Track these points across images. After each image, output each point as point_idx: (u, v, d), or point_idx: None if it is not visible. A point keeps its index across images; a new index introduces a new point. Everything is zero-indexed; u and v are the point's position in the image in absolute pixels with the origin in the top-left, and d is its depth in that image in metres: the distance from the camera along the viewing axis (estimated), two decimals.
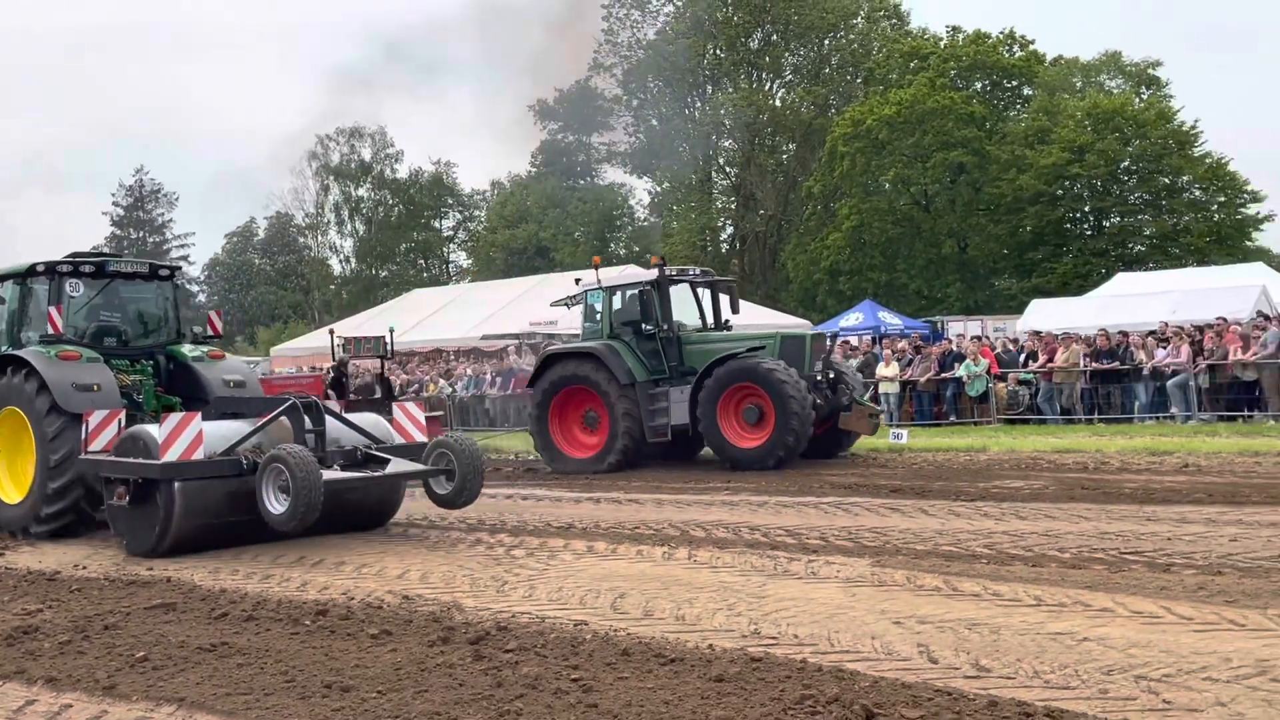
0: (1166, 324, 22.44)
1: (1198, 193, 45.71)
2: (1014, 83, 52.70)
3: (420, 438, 11.78)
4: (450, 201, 77.31)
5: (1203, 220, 45.10)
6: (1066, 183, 46.09)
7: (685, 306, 18.00)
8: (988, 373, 21.76)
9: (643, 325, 17.32)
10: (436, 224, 77.58)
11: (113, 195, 79.77)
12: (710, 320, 18.16)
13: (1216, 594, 7.09)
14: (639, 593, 7.91)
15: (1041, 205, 46.17)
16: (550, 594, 8.03)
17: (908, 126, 47.61)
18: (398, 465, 11.00)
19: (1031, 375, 22.18)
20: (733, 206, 61.15)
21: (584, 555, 9.60)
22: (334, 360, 21.13)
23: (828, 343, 17.81)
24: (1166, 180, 45.54)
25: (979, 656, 5.94)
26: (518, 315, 34.33)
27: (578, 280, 19.21)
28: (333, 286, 74.09)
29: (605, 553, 9.67)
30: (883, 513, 11.34)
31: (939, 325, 35.52)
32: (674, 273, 17.93)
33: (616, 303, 17.84)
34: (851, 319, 34.84)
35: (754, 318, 37.26)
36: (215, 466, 10.38)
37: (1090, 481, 13.02)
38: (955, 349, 23.52)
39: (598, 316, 17.93)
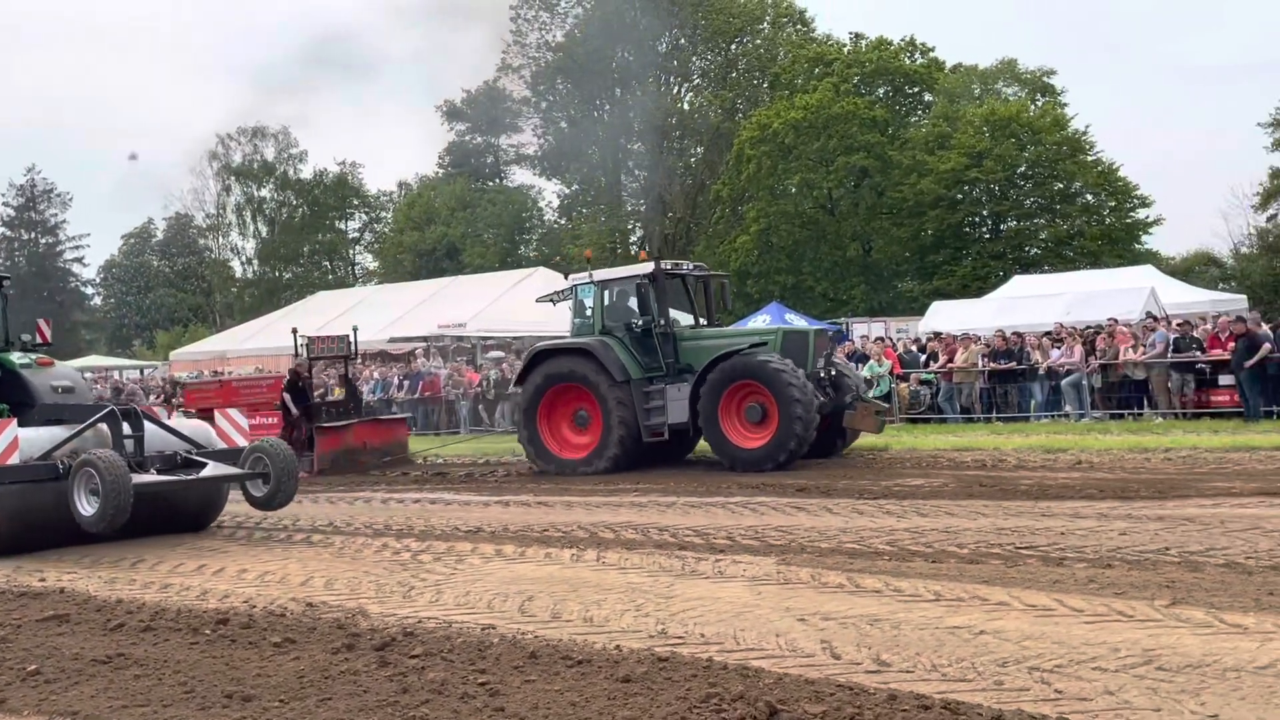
0: (1061, 325, 23.15)
1: (1090, 198, 47.16)
2: (915, 89, 53.80)
3: (241, 442, 12.16)
4: (356, 202, 76.22)
5: (1095, 224, 46.52)
6: (965, 187, 47.18)
7: (676, 302, 17.51)
8: (890, 373, 22.18)
9: (637, 321, 16.71)
10: (342, 225, 76.43)
11: (2, 195, 77.10)
12: (702, 316, 17.76)
13: (1106, 586, 7.34)
14: (547, 595, 7.91)
15: (942, 209, 47.19)
16: (457, 598, 7.99)
17: (813, 131, 48.29)
18: (214, 469, 11.49)
19: (932, 375, 22.68)
20: (642, 209, 61.37)
21: (492, 559, 9.57)
22: (294, 361, 20.33)
23: (831, 339, 17.27)
24: (1060, 185, 46.92)
25: (880, 651, 6.07)
26: (426, 318, 34.10)
27: (567, 275, 18.83)
28: (234, 289, 72.54)
29: (513, 556, 9.65)
30: (788, 512, 11.49)
31: (844, 327, 36.09)
32: (669, 266, 17.33)
33: (609, 297, 17.21)
34: (758, 321, 35.17)
35: None
36: (30, 471, 10.81)
37: (988, 479, 13.36)
38: (860, 350, 23.93)
39: (588, 311, 17.28)
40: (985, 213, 48.74)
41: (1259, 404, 17.97)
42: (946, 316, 30.29)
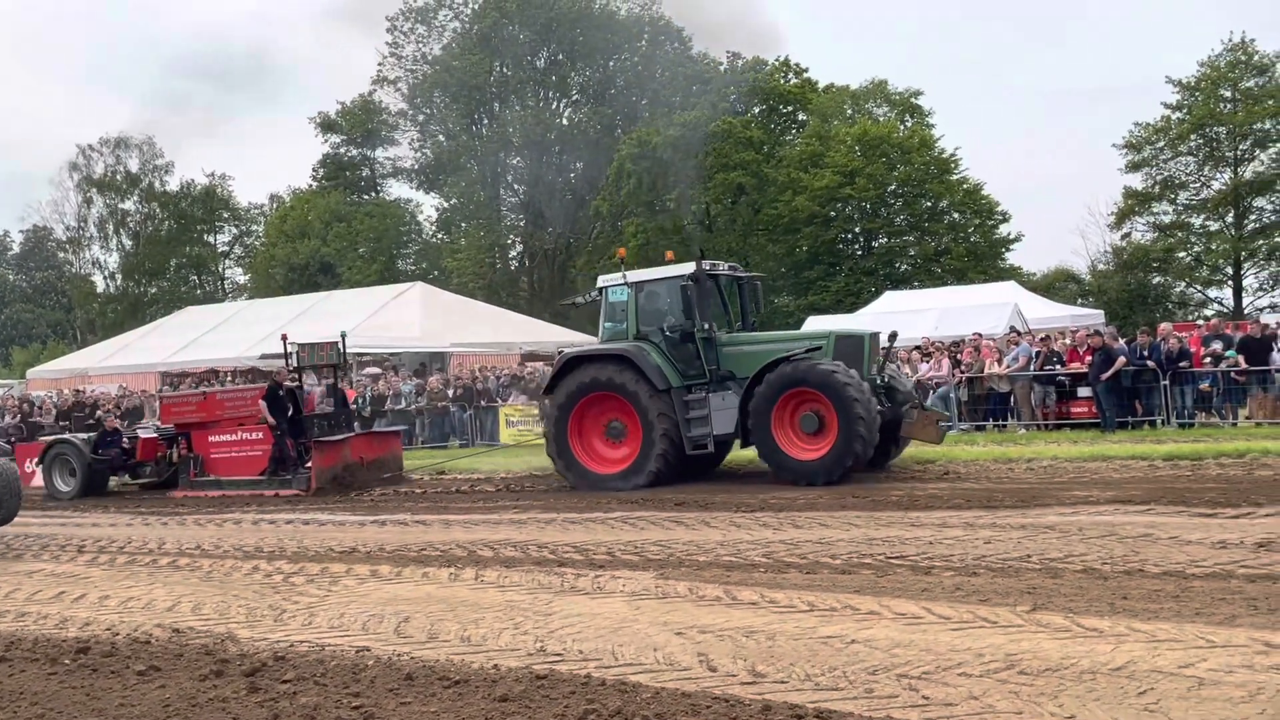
0: (929, 339, 23.81)
1: (956, 216, 48.69)
2: (789, 108, 54.88)
3: None
4: (225, 215, 74.19)
5: (961, 242, 48.04)
6: (839, 205, 48.25)
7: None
8: None
9: (676, 325, 15.69)
10: (210, 239, 74.30)
11: None
12: (737, 319, 16.73)
13: (972, 594, 7.58)
14: (424, 616, 7.81)
15: (815, 226, 48.16)
16: (331, 621, 7.84)
17: (690, 148, 48.84)
18: None
19: None
20: (521, 224, 61.17)
21: (367, 580, 9.41)
22: (289, 369, 19.03)
23: (886, 343, 16.33)
24: (929, 204, 48.35)
25: (755, 663, 6.15)
26: (299, 333, 33.28)
27: (595, 279, 17.38)
28: (96, 305, 69.84)
29: (389, 576, 9.51)
30: (667, 526, 11.57)
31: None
32: (709, 266, 16.20)
33: (643, 300, 16.11)
34: None
35: (544, 335, 37.44)
36: None
37: (860, 490, 13.66)
38: None
39: (620, 315, 16.19)
40: (857, 230, 49.91)
41: (1114, 415, 18.76)
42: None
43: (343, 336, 19.97)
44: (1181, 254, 45.64)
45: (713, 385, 15.36)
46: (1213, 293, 46.48)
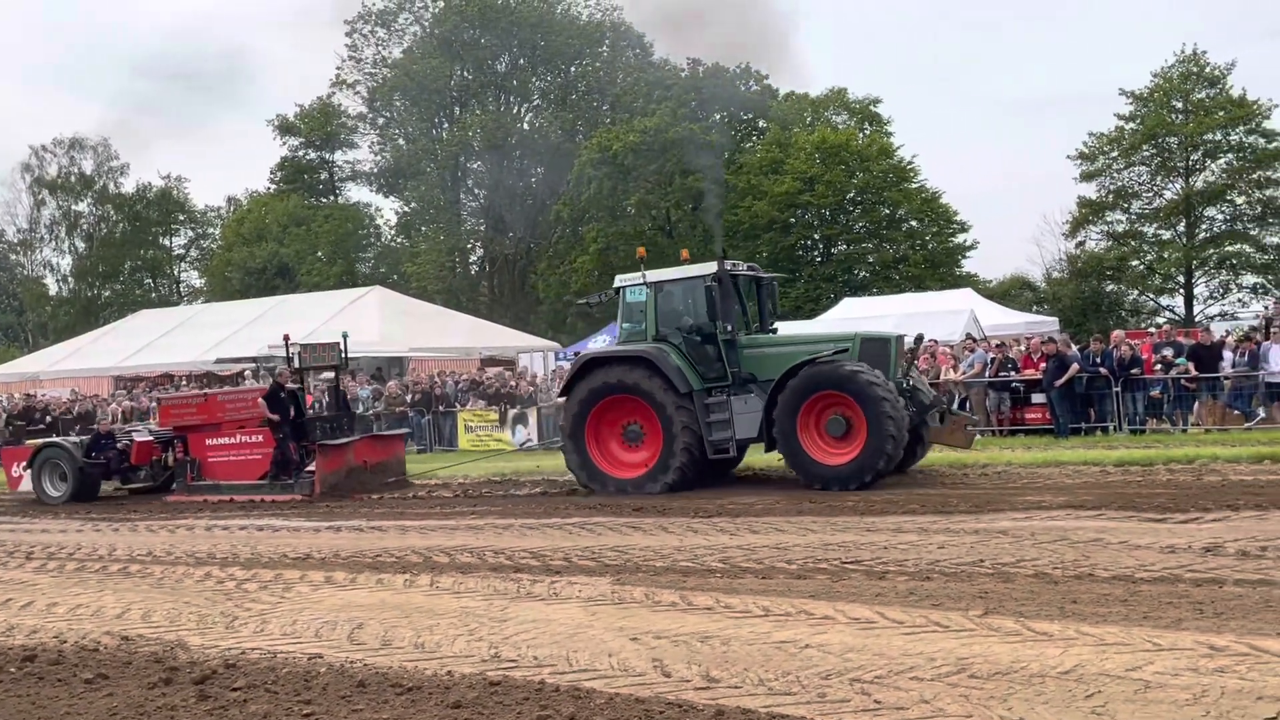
0: None
1: (914, 223, 49.11)
2: (750, 115, 55.11)
3: None
4: (181, 218, 73.35)
5: (919, 249, 48.45)
6: (798, 211, 48.53)
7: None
8: None
9: (697, 326, 15.33)
10: (166, 241, 73.45)
11: None
12: (753, 322, 16.28)
13: (925, 598, 7.64)
14: (378, 622, 7.77)
15: (775, 232, 48.40)
16: (283, 628, 7.77)
17: (651, 154, 48.92)
18: None
19: None
20: (482, 228, 60.99)
21: (321, 586, 9.33)
22: (290, 370, 18.44)
23: (913, 346, 15.91)
24: (887, 211, 48.72)
25: (710, 668, 6.17)
26: (255, 338, 33.05)
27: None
28: (48, 308, 68.81)
29: (344, 583, 9.44)
30: (625, 531, 11.57)
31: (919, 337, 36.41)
32: (731, 266, 15.74)
33: (663, 300, 15.67)
34: (600, 341, 35.37)
35: (503, 340, 37.33)
36: None
37: (817, 495, 13.72)
38: None
39: (638, 316, 15.73)
40: (817, 236, 50.21)
41: (1068, 421, 18.99)
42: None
43: (344, 337, 19.42)
44: (1134, 262, 46.28)
45: (734, 388, 15.04)
46: (1165, 301, 47.23)
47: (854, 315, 33.22)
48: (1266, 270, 43.86)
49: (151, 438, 19.50)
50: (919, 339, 16.39)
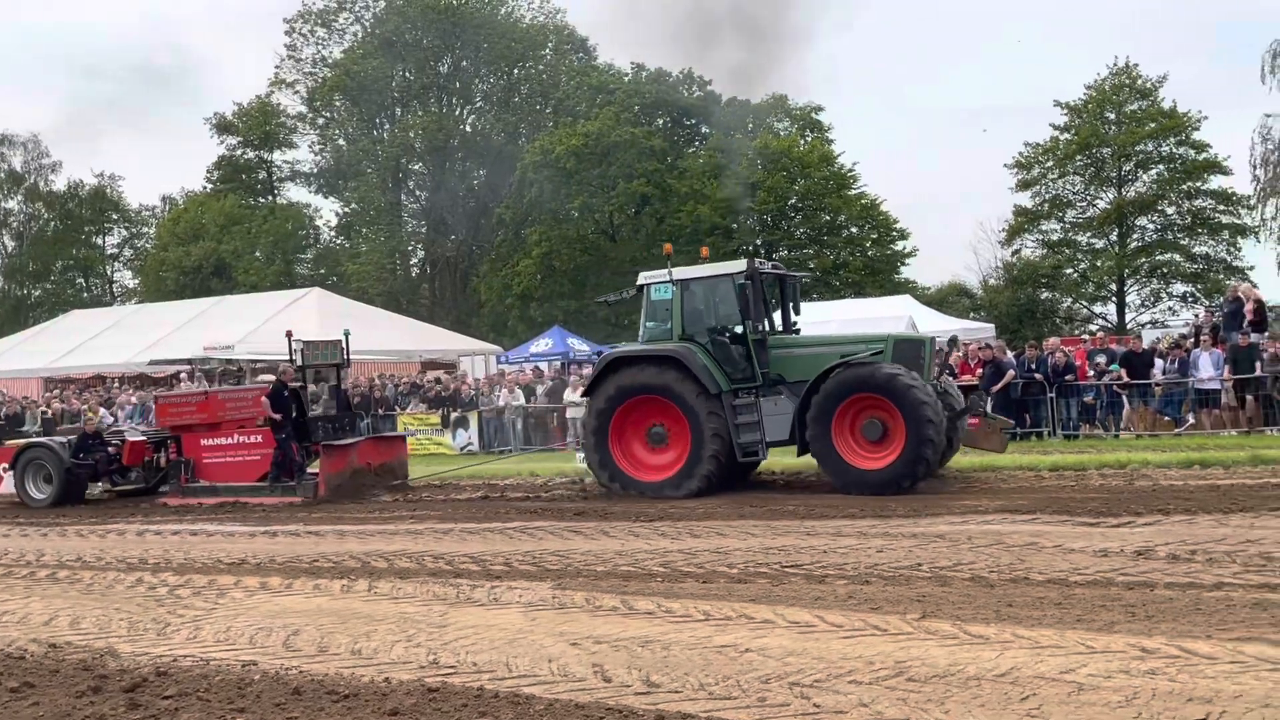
0: None
1: (854, 230, 49.57)
2: (693, 120, 55.29)
3: None
4: (115, 217, 71.90)
5: (858, 255, 48.92)
6: (741, 217, 48.77)
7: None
8: None
9: (726, 325, 15.01)
10: (99, 240, 71.96)
11: None
12: (777, 322, 15.79)
13: (864, 602, 7.70)
14: (314, 628, 7.66)
15: (717, 237, 48.58)
16: (217, 634, 7.64)
17: (594, 158, 48.91)
18: None
19: None
20: (423, 230, 60.53)
21: (256, 592, 9.19)
22: (294, 368, 17.71)
23: (945, 348, 15.51)
24: (828, 218, 49.15)
25: (650, 673, 6.15)
26: (190, 339, 32.50)
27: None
28: None
29: (279, 588, 9.30)
30: (566, 536, 11.53)
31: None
32: (760, 263, 15.34)
33: (689, 299, 15.26)
34: (541, 345, 35.30)
35: (444, 343, 37.09)
36: None
37: (758, 499, 13.79)
38: None
39: (663, 314, 15.25)
40: (759, 242, 50.48)
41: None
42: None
43: (346, 335, 18.98)
44: (1068, 270, 47.11)
45: (763, 389, 14.66)
46: (1098, 308, 48.13)
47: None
48: (1196, 279, 44.86)
49: (144, 437, 18.78)
50: (952, 340, 16.23)
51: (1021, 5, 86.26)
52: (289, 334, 18.30)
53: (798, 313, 16.17)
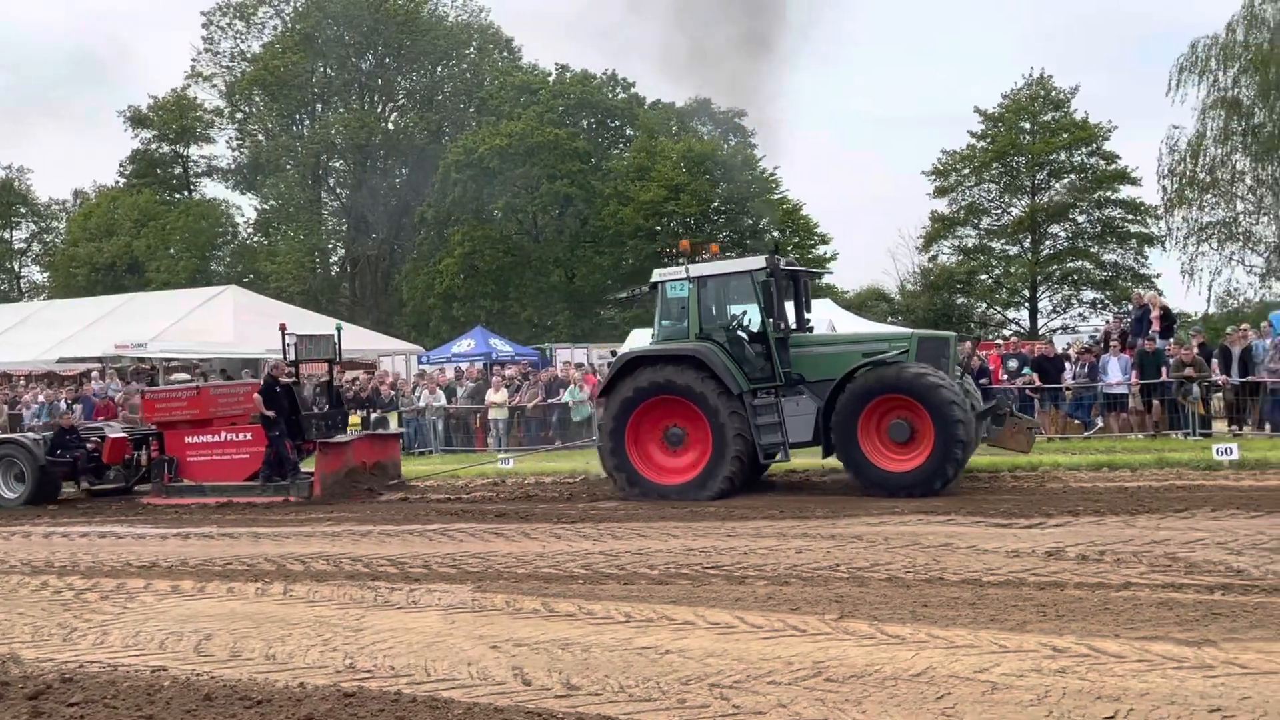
0: None
1: (776, 234, 49.93)
2: (617, 123, 55.33)
3: None
4: (23, 211, 69.77)
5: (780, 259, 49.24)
6: (664, 219, 48.91)
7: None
8: (591, 398, 22.57)
9: (744, 324, 14.68)
10: (6, 235, 69.78)
11: None
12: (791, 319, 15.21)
13: (783, 603, 7.76)
14: (227, 633, 7.51)
15: (641, 239, 48.68)
16: (125, 640, 7.45)
17: (518, 158, 48.69)
18: None
19: None
20: (343, 228, 59.72)
21: (167, 596, 8.98)
22: (286, 363, 17.13)
23: (971, 347, 15.04)
24: (750, 222, 49.49)
25: (570, 675, 6.13)
26: (101, 337, 31.75)
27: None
28: None
29: (191, 592, 9.11)
30: (487, 538, 11.45)
31: (547, 352, 36.47)
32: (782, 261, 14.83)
33: (706, 296, 14.84)
34: (463, 345, 35.06)
35: (364, 342, 36.62)
36: None
37: (680, 501, 13.81)
38: (561, 376, 24.25)
39: (679, 312, 14.83)
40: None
41: None
42: (646, 343, 31.13)
43: (338, 329, 18.39)
44: (983, 276, 47.99)
45: (784, 389, 14.28)
46: (1011, 313, 49.07)
47: None
48: (1105, 286, 45.97)
49: (124, 434, 18.06)
50: (977, 339, 16.07)
51: (943, 14, 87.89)
52: (283, 327, 17.54)
53: (809, 310, 15.89)
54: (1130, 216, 44.93)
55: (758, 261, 14.82)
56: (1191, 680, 5.57)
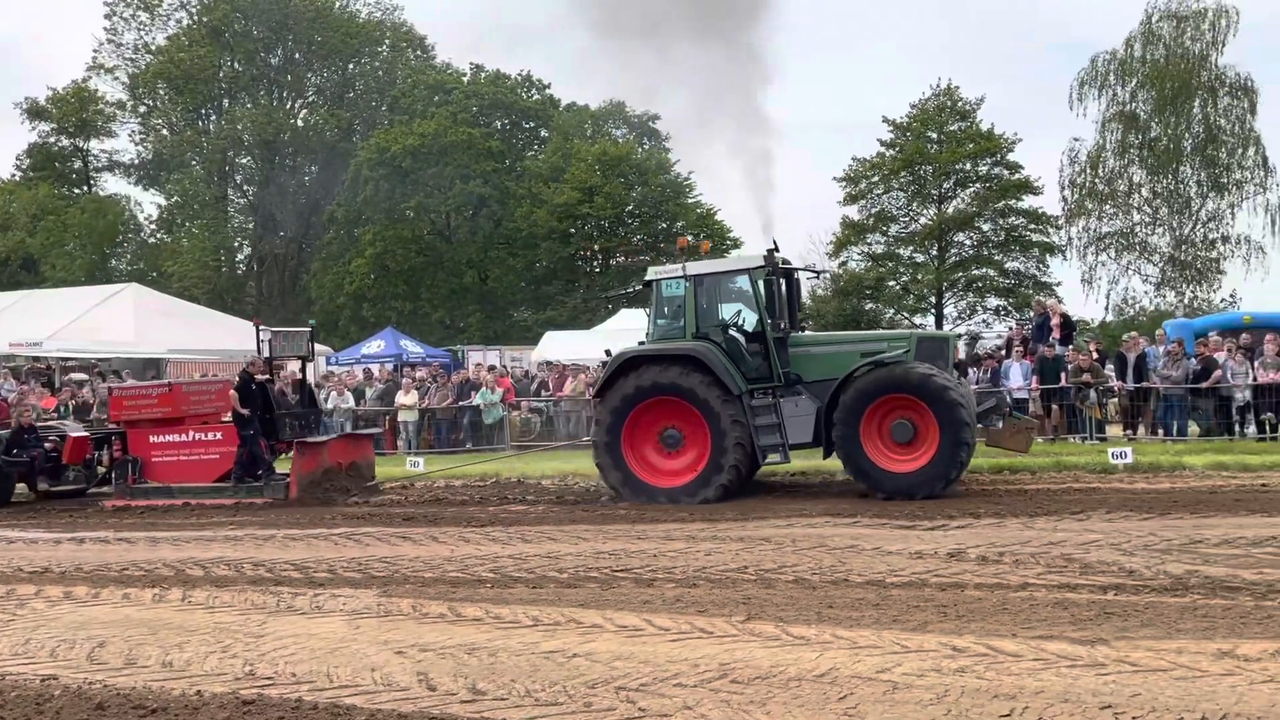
0: None
1: (691, 238, 50.22)
2: (531, 124, 55.16)
3: None
4: None
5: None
6: (578, 222, 48.89)
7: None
8: (503, 401, 22.48)
9: (743, 323, 14.35)
10: None
11: None
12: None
13: (691, 605, 7.79)
14: (122, 640, 7.31)
15: (555, 241, 48.59)
16: (15, 647, 7.21)
17: (431, 157, 48.26)
18: None
19: (544, 403, 23.22)
20: (250, 226, 58.55)
21: (59, 602, 8.71)
22: (262, 360, 16.34)
23: (969, 346, 15.04)
24: (664, 225, 49.71)
25: (476, 680, 6.09)
26: None
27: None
28: None
29: (85, 598, 8.84)
30: (394, 542, 11.31)
31: (459, 354, 36.20)
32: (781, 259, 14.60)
33: (704, 295, 14.52)
34: (373, 346, 34.61)
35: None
36: None
37: (590, 504, 13.82)
38: (473, 378, 24.08)
39: (676, 311, 14.50)
40: (596, 247, 50.68)
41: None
42: (558, 346, 31.15)
43: (312, 326, 17.83)
44: (891, 283, 48.82)
45: (782, 389, 14.03)
46: (918, 320, 49.99)
47: (631, 326, 33.65)
48: (1008, 294, 47.05)
49: (85, 433, 17.20)
50: (975, 339, 15.96)
51: (856, 22, 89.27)
52: (257, 322, 16.88)
53: (800, 309, 15.66)
54: (1033, 226, 46.06)
55: (755, 259, 14.61)
56: (1085, 678, 5.72)
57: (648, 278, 15.06)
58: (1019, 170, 45.62)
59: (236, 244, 59.17)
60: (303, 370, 18.05)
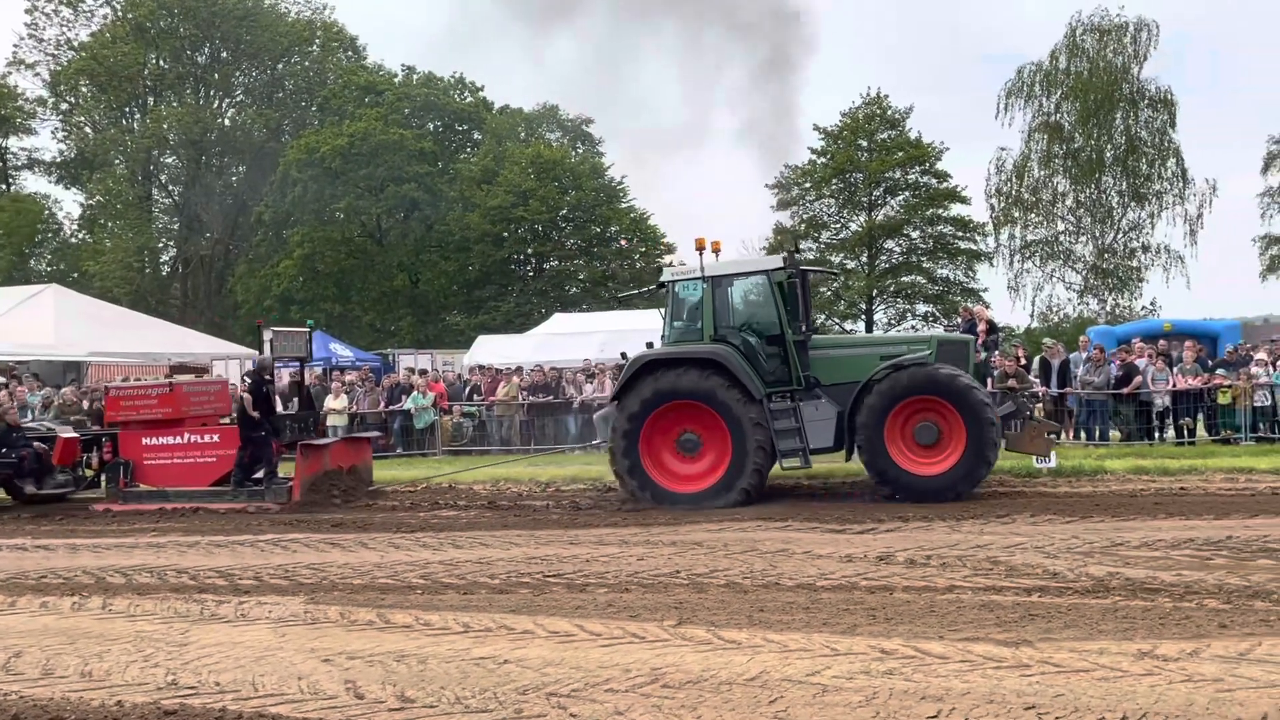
0: (591, 361, 24.43)
1: (623, 242, 50.29)
2: (465, 126, 54.82)
3: None
4: None
5: (627, 267, 49.68)
6: (512, 225, 48.69)
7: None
8: (435, 405, 22.29)
9: (763, 325, 14.07)
10: None
11: None
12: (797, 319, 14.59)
13: (623, 610, 7.79)
14: (39, 650, 7.12)
15: (488, 245, 48.34)
16: None
17: (361, 158, 47.75)
18: None
19: (476, 408, 23.07)
20: (175, 227, 57.44)
21: None
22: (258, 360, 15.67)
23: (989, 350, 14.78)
24: (598, 230, 49.72)
25: (405, 688, 6.02)
26: None
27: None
28: None
29: (1, 607, 8.59)
30: (322, 548, 11.16)
31: (390, 358, 35.83)
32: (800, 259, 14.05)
33: (724, 297, 14.24)
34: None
35: (195, 345, 35.28)
36: None
37: (523, 509, 13.75)
38: (404, 382, 23.85)
39: (693, 313, 14.30)
40: (530, 251, 50.53)
41: None
42: (491, 350, 30.98)
43: (310, 326, 17.43)
44: (822, 289, 49.34)
45: (802, 393, 13.86)
46: (849, 326, 50.54)
47: (564, 330, 33.62)
48: (937, 300, 47.77)
49: (75, 434, 16.52)
50: (992, 343, 15.85)
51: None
52: (259, 324, 16.41)
53: (812, 311, 15.55)
54: (961, 233, 46.83)
55: (774, 260, 14.49)
56: (1009, 679, 5.82)
57: (663, 279, 14.84)
58: (947, 179, 46.36)
59: (161, 245, 58.01)
60: (301, 371, 17.73)
